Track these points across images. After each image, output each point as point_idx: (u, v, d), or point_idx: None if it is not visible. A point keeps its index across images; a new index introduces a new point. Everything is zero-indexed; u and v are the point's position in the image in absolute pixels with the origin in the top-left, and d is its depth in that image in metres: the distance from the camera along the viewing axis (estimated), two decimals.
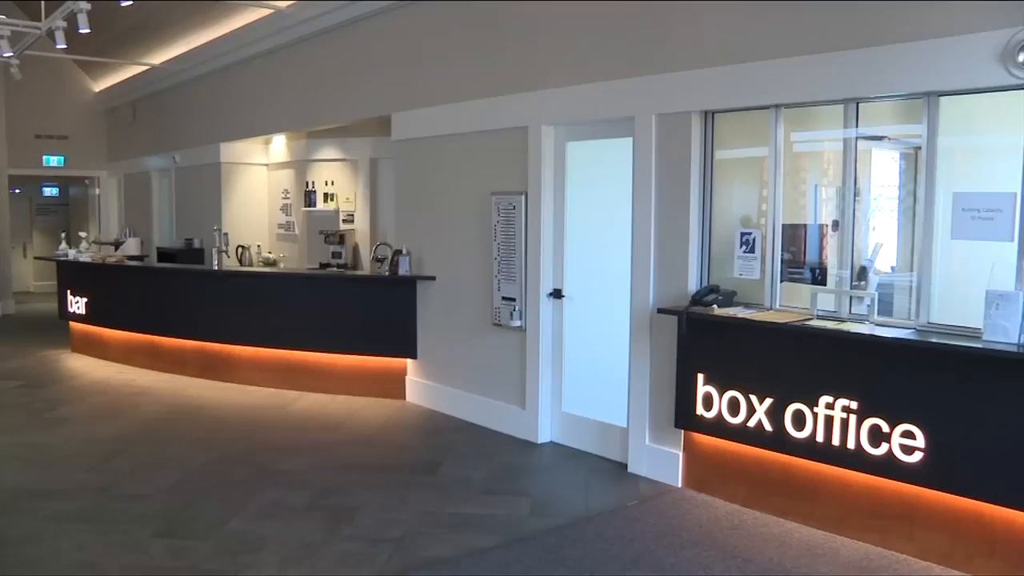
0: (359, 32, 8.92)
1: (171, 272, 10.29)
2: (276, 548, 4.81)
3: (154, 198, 15.02)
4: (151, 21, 12.15)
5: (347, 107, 9.40)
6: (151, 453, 6.75)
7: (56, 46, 9.78)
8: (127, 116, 15.73)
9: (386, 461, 6.52)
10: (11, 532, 5.11)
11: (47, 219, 20.12)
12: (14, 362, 10.69)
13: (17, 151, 15.76)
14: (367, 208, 10.60)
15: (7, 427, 7.55)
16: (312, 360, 8.73)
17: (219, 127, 12.20)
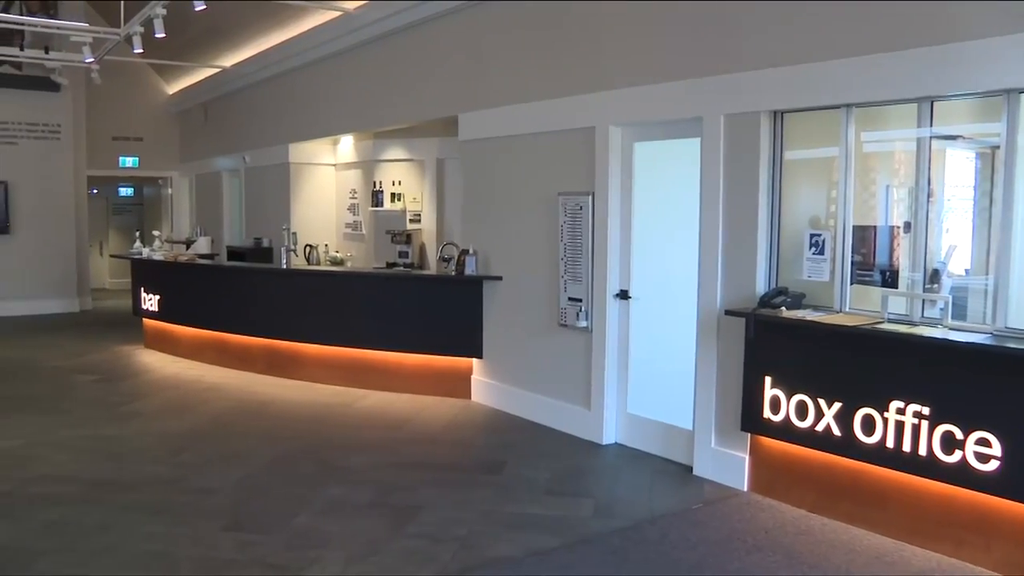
0: (426, 33, 8.98)
1: (240, 271, 10.47)
2: (341, 544, 4.86)
3: (224, 198, 15.29)
4: (223, 25, 12.37)
5: (414, 108, 9.46)
6: (219, 448, 6.87)
7: (134, 51, 10.02)
8: (199, 118, 16.05)
9: (450, 460, 6.55)
10: (88, 520, 5.26)
11: (122, 218, 20.63)
12: (91, 357, 10.99)
13: (95, 153, 16.21)
14: (434, 208, 10.65)
15: (84, 420, 7.76)
16: (378, 359, 8.80)
17: (288, 128, 12.37)
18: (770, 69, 5.46)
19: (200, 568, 4.56)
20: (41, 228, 15.23)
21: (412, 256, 10.54)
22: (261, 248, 12.43)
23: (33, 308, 15.11)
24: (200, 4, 8.21)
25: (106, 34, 11.24)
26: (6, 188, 14.91)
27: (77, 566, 4.59)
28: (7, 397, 8.67)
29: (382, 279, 9.09)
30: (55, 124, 15.29)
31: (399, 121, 10.08)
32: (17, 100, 14.85)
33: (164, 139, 17.43)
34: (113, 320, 14.41)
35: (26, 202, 15.10)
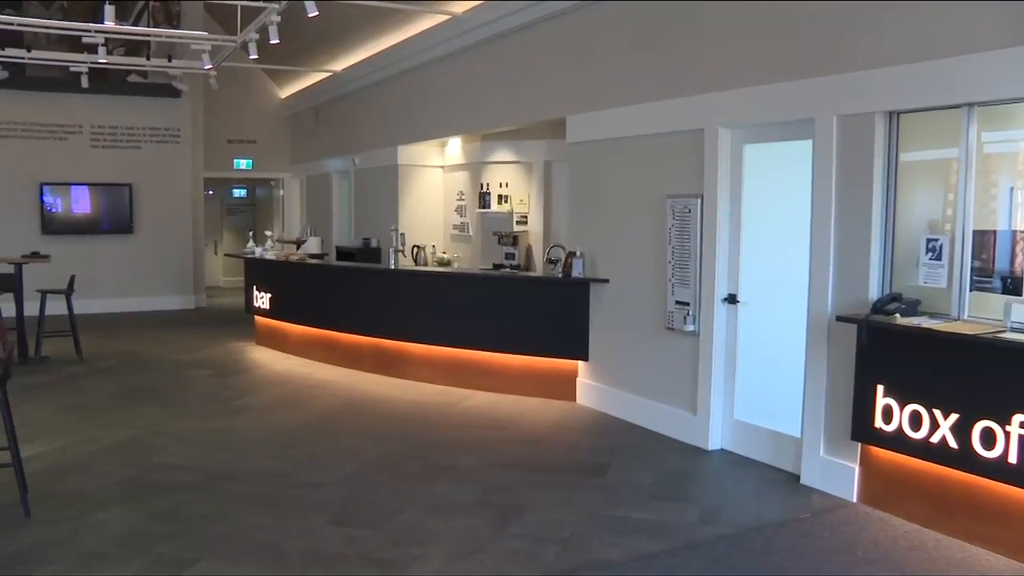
0: (534, 35, 9.01)
1: (349, 270, 10.67)
2: (444, 542, 4.92)
3: (334, 199, 15.62)
4: (334, 30, 12.64)
5: (521, 110, 9.51)
6: (327, 444, 7.03)
7: (249, 57, 10.33)
8: (310, 121, 16.43)
9: (555, 461, 6.56)
10: (203, 510, 5.45)
11: (235, 218, 21.26)
12: (205, 352, 11.36)
13: (211, 155, 16.77)
14: (541, 210, 10.67)
15: (199, 413, 8.04)
16: (483, 359, 8.87)
17: (397, 130, 12.56)
18: (886, 68, 5.31)
19: (307, 560, 4.68)
20: (161, 228, 15.86)
21: (519, 258, 10.59)
22: (370, 248, 12.64)
23: (153, 304, 15.74)
24: (313, 10, 8.41)
25: (224, 41, 11.66)
26: (130, 190, 15.58)
27: (193, 551, 4.77)
28: (130, 389, 9.04)
29: (489, 280, 9.16)
30: (175, 128, 15.90)
31: (507, 123, 10.14)
32: (142, 106, 15.52)
33: (276, 142, 17.91)
34: (226, 317, 14.88)
35: (148, 203, 15.75)
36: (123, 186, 15.54)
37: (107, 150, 15.52)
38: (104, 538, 4.96)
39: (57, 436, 7.15)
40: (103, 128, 15.47)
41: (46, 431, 7.27)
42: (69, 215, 15.33)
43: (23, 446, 5.64)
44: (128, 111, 15.48)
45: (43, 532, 5.05)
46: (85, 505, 5.51)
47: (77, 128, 15.32)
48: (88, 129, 15.38)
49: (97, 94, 14.42)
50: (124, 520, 5.25)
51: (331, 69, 14.20)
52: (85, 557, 4.69)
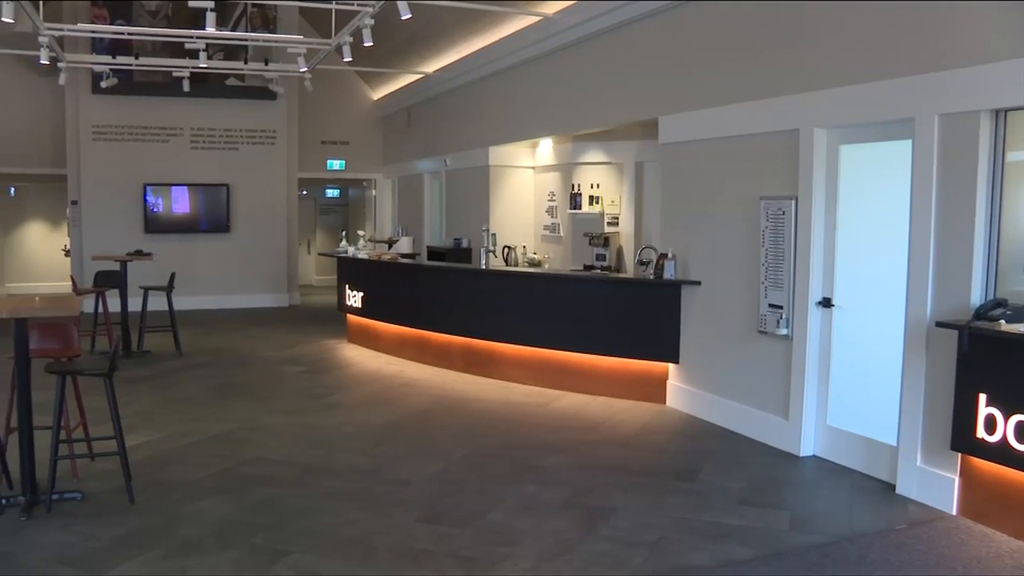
0: (626, 35, 8.97)
1: (440, 270, 10.75)
2: (532, 542, 4.92)
3: (426, 199, 15.77)
4: (425, 32, 12.77)
5: (613, 111, 9.47)
6: (417, 442, 7.10)
7: (343, 60, 10.49)
8: (402, 122, 16.63)
9: (644, 465, 6.51)
10: (295, 503, 5.57)
11: (328, 218, 21.67)
12: (298, 349, 11.59)
13: (305, 156, 17.13)
14: (632, 211, 10.61)
15: (292, 408, 8.20)
16: (573, 360, 8.85)
17: (488, 131, 12.62)
18: (991, 64, 5.11)
19: (396, 556, 4.73)
20: (256, 227, 16.26)
21: (609, 259, 10.54)
22: (460, 248, 12.73)
23: (248, 302, 16.14)
24: (406, 12, 8.51)
25: (318, 45, 11.92)
26: (228, 191, 16.00)
27: (285, 543, 4.87)
28: (226, 384, 9.28)
29: (579, 281, 9.14)
30: (271, 130, 16.28)
31: (598, 124, 10.11)
32: (240, 109, 15.95)
33: (369, 143, 18.17)
34: (319, 315, 15.16)
35: (244, 203, 16.16)
36: (221, 186, 15.98)
37: (206, 151, 15.98)
38: (201, 527, 5.10)
39: (157, 427, 7.38)
40: (202, 130, 15.94)
41: (147, 422, 7.52)
42: (170, 214, 15.83)
43: (127, 436, 5.84)
44: (226, 114, 15.93)
45: (145, 518, 5.23)
46: (183, 494, 5.68)
47: (178, 131, 15.81)
48: (188, 131, 15.87)
49: (197, 98, 14.88)
50: (220, 510, 5.40)
51: (423, 71, 14.36)
52: (183, 544, 4.84)
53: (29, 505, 5.31)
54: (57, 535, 4.99)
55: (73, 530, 5.05)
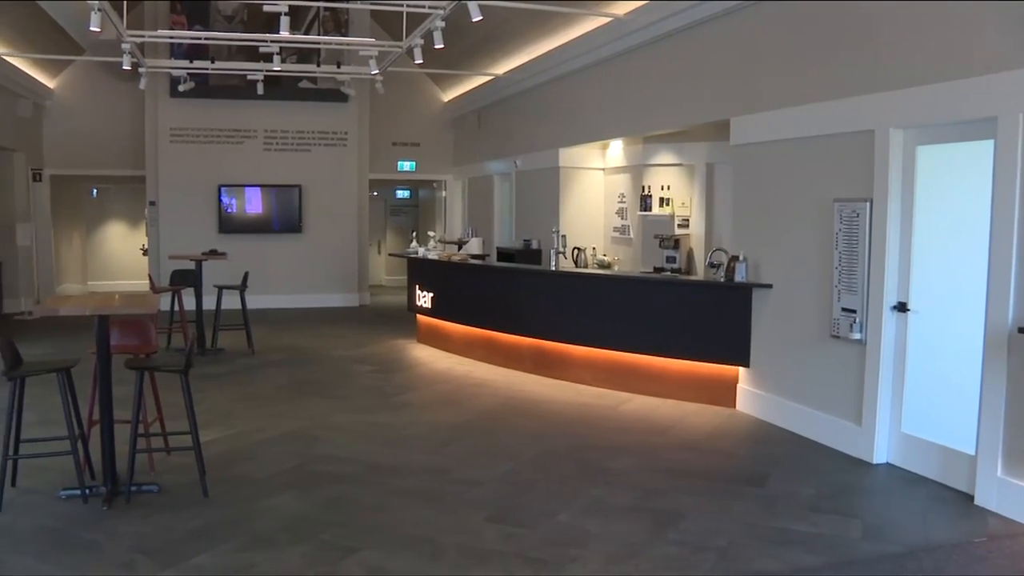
0: (697, 36, 8.90)
1: (510, 271, 10.77)
2: (601, 545, 4.90)
3: (495, 200, 15.83)
4: (496, 34, 12.82)
5: (684, 112, 9.41)
6: (486, 442, 7.12)
7: (414, 62, 10.58)
8: (472, 123, 16.71)
9: (713, 469, 6.45)
10: (364, 500, 5.64)
11: (398, 219, 21.88)
12: (368, 348, 11.72)
13: (376, 157, 17.33)
14: (702, 213, 10.52)
15: (362, 407, 8.29)
16: (642, 363, 8.80)
17: (558, 133, 12.62)
18: None
19: (464, 555, 4.75)
20: (328, 228, 16.48)
21: (680, 261, 10.47)
22: (530, 250, 12.75)
23: (319, 301, 16.37)
24: (477, 14, 8.55)
25: (390, 47, 12.04)
26: (300, 192, 16.24)
27: (354, 540, 4.93)
28: (297, 382, 9.42)
29: (649, 283, 9.09)
30: (343, 132, 16.49)
31: (669, 126, 10.05)
32: (312, 111, 16.19)
33: (439, 144, 18.30)
34: (389, 315, 15.30)
35: (316, 204, 16.40)
36: (293, 187, 16.23)
37: (279, 153, 16.26)
38: (273, 522, 5.19)
39: (231, 423, 7.52)
40: (276, 132, 16.22)
41: (221, 418, 7.66)
42: (243, 215, 16.13)
43: (201, 431, 5.94)
44: (299, 116, 16.17)
45: (219, 512, 5.34)
46: (256, 490, 5.79)
47: (252, 133, 16.11)
48: (262, 133, 16.16)
49: (271, 100, 15.14)
50: (291, 506, 5.48)
51: (493, 72, 14.41)
52: (255, 539, 4.92)
53: (110, 496, 5.48)
54: (136, 525, 5.12)
55: (150, 521, 5.18)
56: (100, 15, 8.54)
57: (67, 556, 4.70)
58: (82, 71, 16.28)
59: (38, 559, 4.66)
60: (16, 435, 5.52)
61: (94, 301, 6.13)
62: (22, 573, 4.51)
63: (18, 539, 4.94)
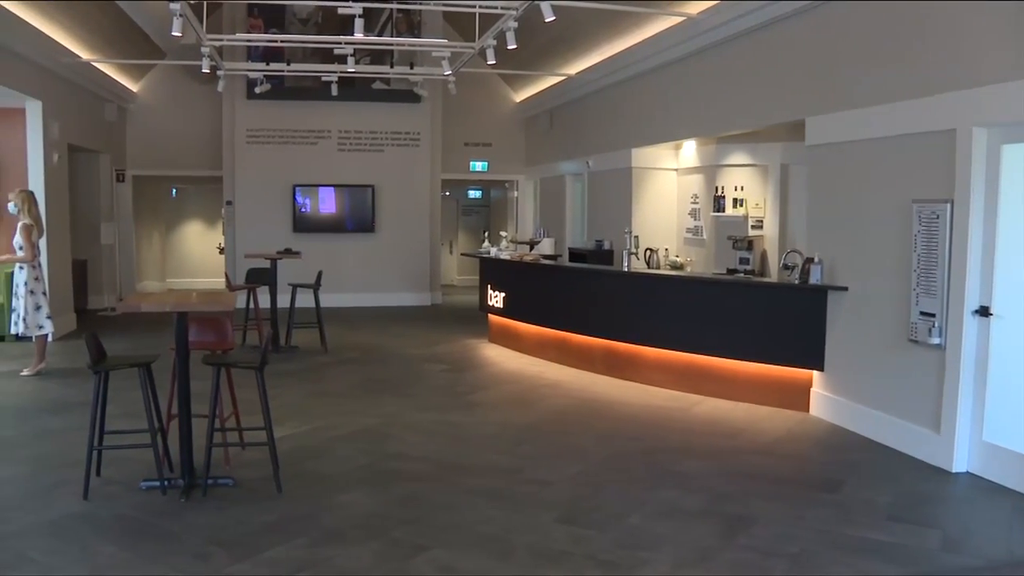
0: (771, 35, 8.78)
1: (582, 272, 10.73)
2: (671, 548, 4.86)
3: (567, 200, 15.81)
4: (568, 34, 12.80)
5: (758, 112, 9.29)
6: (556, 443, 7.12)
7: (487, 63, 10.63)
8: (544, 124, 16.71)
9: (785, 474, 6.35)
10: (435, 498, 5.67)
11: (470, 219, 22.00)
12: (440, 347, 11.79)
13: (448, 158, 17.44)
14: (777, 214, 10.38)
15: (434, 405, 8.35)
16: (714, 365, 8.72)
17: (630, 133, 12.56)
18: None
19: (534, 556, 4.75)
20: (400, 227, 16.65)
21: (753, 263, 10.35)
22: (602, 250, 12.72)
23: (392, 300, 16.54)
24: (549, 14, 8.54)
25: (462, 48, 12.12)
26: (373, 192, 16.42)
27: (425, 538, 4.96)
28: (370, 380, 9.53)
29: (722, 285, 8.99)
30: (415, 132, 16.64)
31: (742, 126, 9.93)
32: (385, 112, 16.38)
33: (511, 144, 18.35)
34: (460, 315, 15.38)
35: (388, 204, 16.57)
36: (366, 187, 16.42)
37: (352, 153, 16.47)
38: (344, 519, 5.25)
39: (304, 420, 7.63)
40: (349, 133, 16.42)
41: (294, 415, 7.78)
42: (317, 214, 16.37)
43: (275, 427, 6.05)
44: (372, 116, 16.36)
45: (291, 508, 5.42)
46: (328, 486, 5.86)
47: (326, 133, 16.35)
48: (336, 134, 16.39)
49: (345, 101, 15.32)
50: (362, 503, 5.54)
51: (565, 73, 14.40)
52: (327, 535, 4.98)
53: (187, 488, 5.60)
54: (211, 517, 5.23)
55: (226, 514, 5.29)
56: (182, 20, 8.76)
57: (147, 545, 4.83)
58: (163, 75, 16.72)
59: (120, 546, 4.80)
60: (100, 427, 5.70)
61: (173, 298, 6.28)
62: (106, 559, 4.65)
63: (102, 526, 5.11)
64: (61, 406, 8.13)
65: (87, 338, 5.69)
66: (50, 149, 12.14)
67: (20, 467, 6.25)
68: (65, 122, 12.79)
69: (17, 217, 9.68)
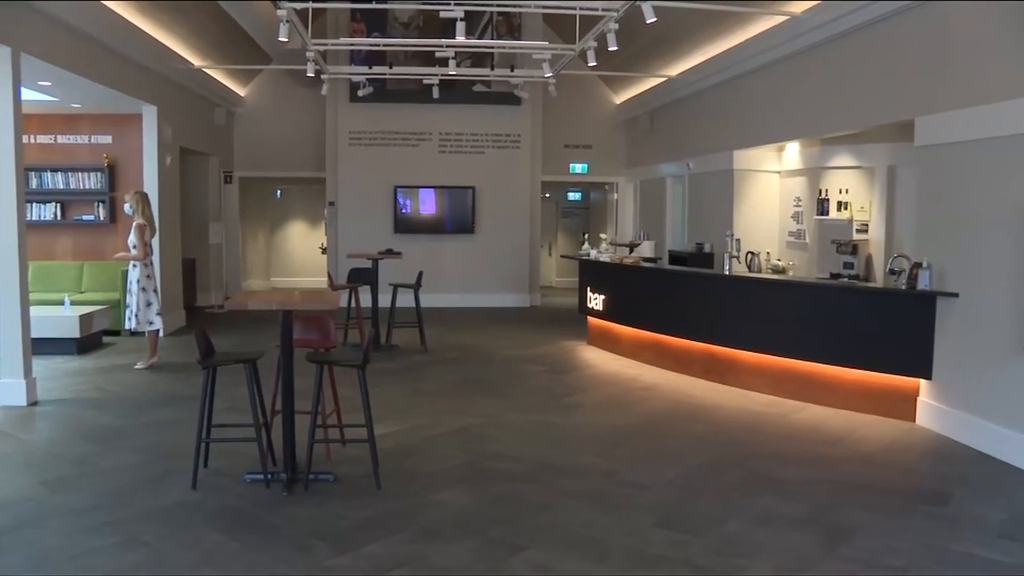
0: (879, 33, 8.55)
1: (682, 275, 10.63)
2: (770, 556, 4.78)
3: (667, 203, 15.66)
4: (669, 35, 12.71)
5: (864, 112, 9.06)
6: (654, 446, 7.07)
7: (588, 65, 10.61)
8: (644, 125, 16.61)
9: (889, 485, 6.17)
10: (532, 499, 5.69)
11: (569, 221, 21.99)
12: (538, 349, 11.82)
13: (548, 160, 17.49)
14: (883, 218, 10.10)
15: (532, 407, 8.37)
16: (815, 371, 8.54)
17: (732, 135, 12.40)
18: None
19: (630, 559, 4.73)
20: (500, 229, 16.73)
21: (857, 267, 10.10)
22: (702, 253, 12.58)
23: (490, 301, 16.63)
24: (651, 15, 8.49)
25: (563, 50, 12.13)
26: (473, 193, 16.55)
27: (522, 538, 4.98)
28: (469, 380, 9.61)
29: (825, 289, 8.79)
30: (515, 134, 16.70)
31: (848, 127, 9.70)
32: (486, 114, 16.48)
33: (611, 146, 18.27)
34: (559, 316, 15.39)
35: (488, 205, 16.67)
36: (466, 189, 16.55)
37: (453, 155, 16.62)
38: (441, 516, 5.31)
39: (403, 418, 7.74)
40: (450, 135, 16.58)
41: (393, 413, 7.90)
42: (417, 215, 16.57)
43: (375, 425, 6.15)
44: (473, 119, 16.49)
45: (390, 504, 5.51)
46: (426, 484, 5.94)
47: (427, 135, 16.54)
48: (437, 136, 16.57)
49: (445, 104, 15.44)
50: (460, 502, 5.59)
51: (666, 74, 14.29)
52: (424, 532, 5.05)
53: (289, 482, 5.75)
54: (312, 512, 5.35)
55: (326, 508, 5.40)
56: (288, 26, 9.00)
57: (251, 535, 4.98)
58: (270, 79, 17.17)
59: (226, 536, 4.96)
60: (208, 420, 5.89)
61: (279, 297, 6.43)
62: (213, 546, 4.81)
63: (209, 516, 5.29)
64: (171, 399, 8.44)
65: (197, 334, 5.90)
66: (163, 152, 12.59)
67: (134, 456, 6.53)
68: (177, 126, 13.25)
69: (132, 217, 10.08)
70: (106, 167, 12.99)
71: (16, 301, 8.08)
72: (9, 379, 8.12)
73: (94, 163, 13.02)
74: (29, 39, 8.26)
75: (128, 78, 11.16)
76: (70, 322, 10.72)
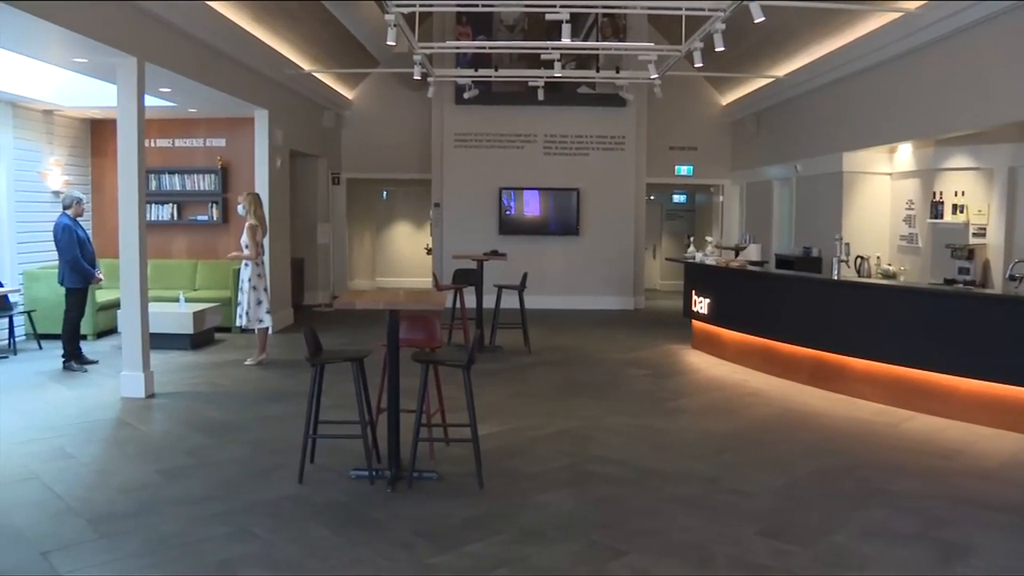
0: (997, 28, 8.27)
1: (790, 279, 10.44)
2: (878, 570, 4.66)
3: (774, 206, 15.41)
4: (777, 35, 12.49)
5: (982, 112, 8.75)
6: (759, 453, 6.95)
7: (694, 66, 10.52)
8: (751, 127, 16.36)
9: (1010, 501, 5.91)
10: (634, 503, 5.68)
11: (674, 223, 21.80)
12: (642, 352, 11.75)
13: (653, 162, 17.38)
14: (1002, 221, 9.74)
15: (635, 411, 8.33)
16: (927, 380, 8.26)
17: (841, 136, 12.12)
18: None
19: (733, 567, 4.67)
20: (604, 231, 16.69)
21: (974, 273, 9.76)
22: (810, 257, 12.35)
23: (594, 303, 16.61)
24: (759, 14, 8.36)
25: (668, 51, 12.05)
26: (578, 195, 16.54)
27: (623, 542, 4.96)
28: (571, 382, 9.62)
29: (939, 296, 8.49)
30: (620, 136, 16.63)
31: (964, 127, 9.38)
32: (591, 116, 16.47)
33: (717, 148, 18.05)
34: (663, 319, 15.26)
35: (593, 207, 16.65)
36: (571, 191, 16.55)
37: (557, 157, 16.65)
38: (544, 518, 5.33)
39: (506, 419, 7.79)
40: (555, 137, 16.61)
41: (497, 414, 7.96)
42: (522, 217, 16.64)
43: (479, 425, 6.20)
44: (577, 121, 16.49)
45: (493, 504, 5.56)
46: (528, 485, 5.97)
47: (532, 137, 16.59)
48: (542, 138, 16.61)
49: (550, 106, 15.47)
50: (562, 504, 5.60)
51: (773, 75, 14.04)
52: (526, 533, 5.07)
53: (394, 479, 5.86)
54: (416, 509, 5.45)
55: (429, 506, 5.49)
56: (396, 30, 9.15)
57: (355, 531, 5.10)
58: (377, 82, 17.50)
59: (331, 530, 5.10)
60: (315, 416, 6.04)
61: (385, 297, 6.54)
62: (318, 540, 4.94)
63: (315, 510, 5.44)
64: (279, 395, 8.68)
65: (306, 333, 6.05)
66: (274, 154, 12.94)
67: (243, 449, 6.75)
68: (288, 129, 13.61)
69: (245, 218, 10.39)
70: (220, 169, 13.43)
71: (137, 298, 8.44)
72: (130, 372, 8.48)
73: (208, 165, 13.48)
74: (152, 48, 8.61)
75: (242, 83, 11.51)
76: (185, 319, 11.12)
